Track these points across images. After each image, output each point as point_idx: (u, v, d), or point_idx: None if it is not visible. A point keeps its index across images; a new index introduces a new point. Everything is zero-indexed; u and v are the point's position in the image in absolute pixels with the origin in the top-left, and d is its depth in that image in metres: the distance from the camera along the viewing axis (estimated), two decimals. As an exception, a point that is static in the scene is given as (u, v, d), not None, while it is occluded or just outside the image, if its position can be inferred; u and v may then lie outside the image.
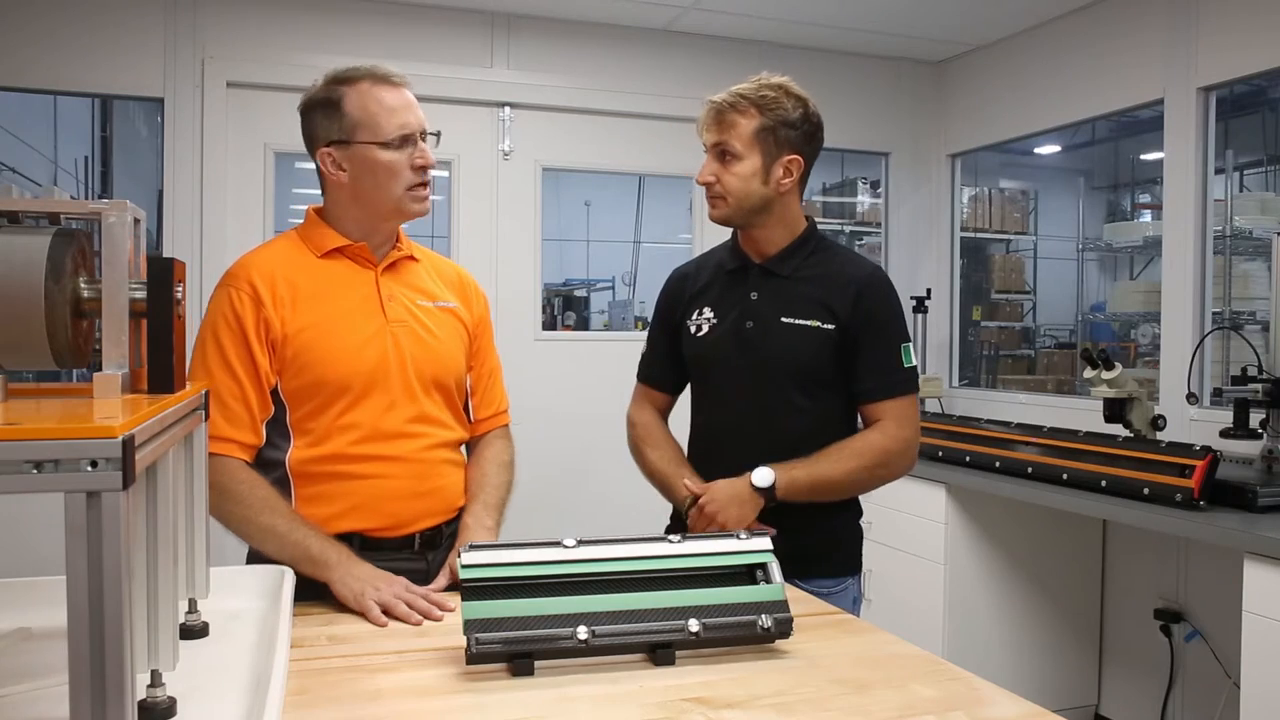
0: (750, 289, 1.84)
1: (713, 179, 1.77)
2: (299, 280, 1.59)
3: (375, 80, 1.58)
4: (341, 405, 1.56)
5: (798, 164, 1.79)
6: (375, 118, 1.56)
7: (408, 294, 1.67)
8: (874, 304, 1.79)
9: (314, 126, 1.61)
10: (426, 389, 1.64)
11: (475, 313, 1.78)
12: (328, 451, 1.56)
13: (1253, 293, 4.34)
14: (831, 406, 1.82)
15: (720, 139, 1.76)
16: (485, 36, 3.74)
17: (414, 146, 1.59)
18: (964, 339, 4.59)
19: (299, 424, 1.57)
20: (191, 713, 0.97)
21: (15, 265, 0.95)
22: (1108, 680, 3.43)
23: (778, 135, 1.76)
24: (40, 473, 0.72)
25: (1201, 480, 2.44)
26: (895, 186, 4.41)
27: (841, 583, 1.84)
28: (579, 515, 3.59)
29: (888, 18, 3.79)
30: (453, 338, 1.70)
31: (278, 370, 1.55)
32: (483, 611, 1.20)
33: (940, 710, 1.10)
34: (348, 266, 1.63)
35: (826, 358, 1.78)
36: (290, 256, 1.62)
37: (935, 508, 3.22)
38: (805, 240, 1.85)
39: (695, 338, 1.87)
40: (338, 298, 1.60)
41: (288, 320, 1.55)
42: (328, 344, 1.56)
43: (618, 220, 7.44)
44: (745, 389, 1.82)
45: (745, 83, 1.78)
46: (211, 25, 3.42)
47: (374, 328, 1.60)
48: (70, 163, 5.83)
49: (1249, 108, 5.73)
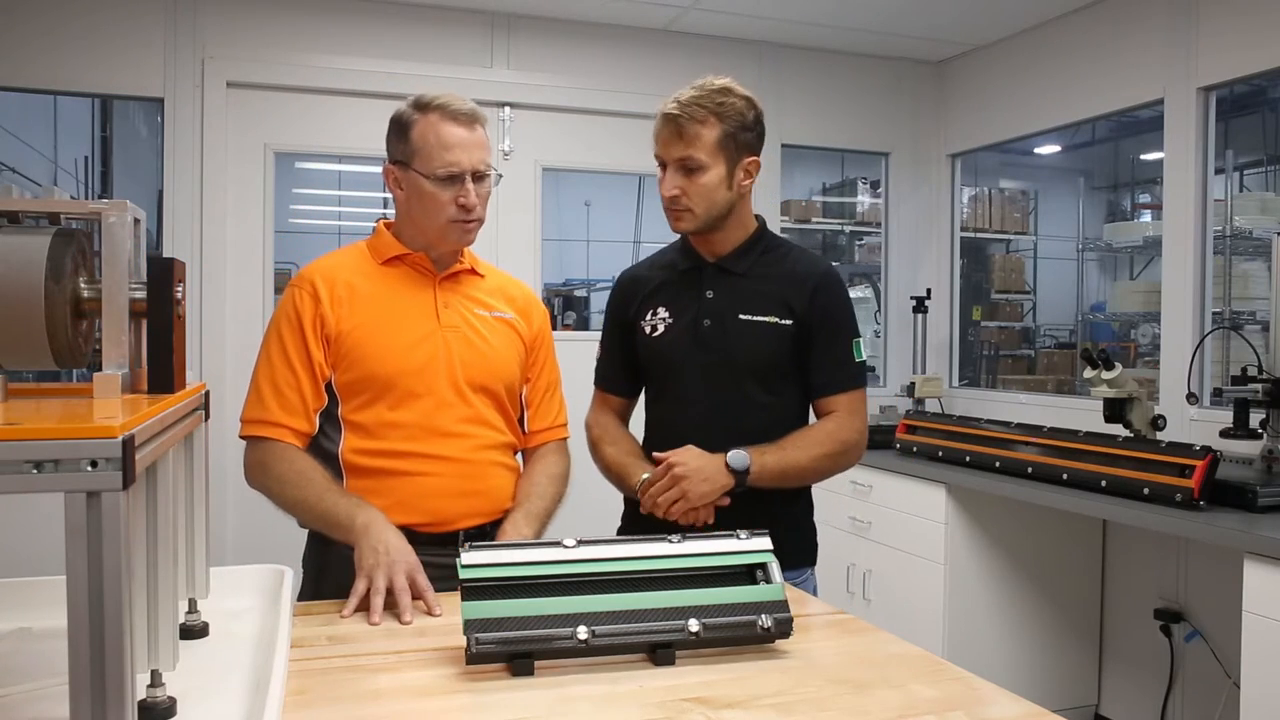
0: (705, 287, 1.84)
1: (679, 192, 1.76)
2: (358, 283, 1.68)
3: (445, 115, 1.64)
4: (390, 401, 1.63)
5: (756, 164, 1.81)
6: (430, 150, 1.63)
7: (465, 304, 1.74)
8: (829, 300, 1.83)
9: (389, 142, 1.70)
10: (476, 391, 1.69)
11: (535, 327, 1.82)
12: (377, 447, 1.63)
13: (1253, 293, 4.34)
14: (788, 400, 1.85)
15: (686, 153, 1.74)
16: (485, 36, 3.74)
17: (460, 185, 1.64)
18: (964, 339, 4.59)
19: (350, 417, 1.64)
20: (191, 713, 0.97)
21: (15, 265, 0.95)
22: (1108, 680, 3.43)
23: (737, 140, 1.76)
24: (40, 473, 0.72)
25: (1201, 480, 2.44)
26: (895, 186, 4.41)
27: (802, 573, 1.85)
28: (579, 515, 3.58)
29: (888, 18, 3.79)
30: (506, 346, 1.75)
31: (332, 364, 1.64)
32: (482, 611, 1.20)
33: (940, 710, 1.10)
34: (407, 274, 1.72)
35: (785, 353, 1.81)
36: (354, 262, 1.72)
37: (935, 508, 3.22)
38: (758, 239, 1.87)
39: (651, 338, 1.87)
40: (393, 300, 1.68)
41: (343, 317, 1.64)
42: (379, 341, 1.64)
43: (618, 220, 7.44)
44: (704, 386, 1.82)
45: (691, 89, 1.75)
46: (211, 25, 3.42)
47: (426, 330, 1.67)
48: (70, 163, 5.83)
49: (1249, 108, 5.73)
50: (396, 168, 1.69)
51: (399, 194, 1.70)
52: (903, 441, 3.54)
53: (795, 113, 4.14)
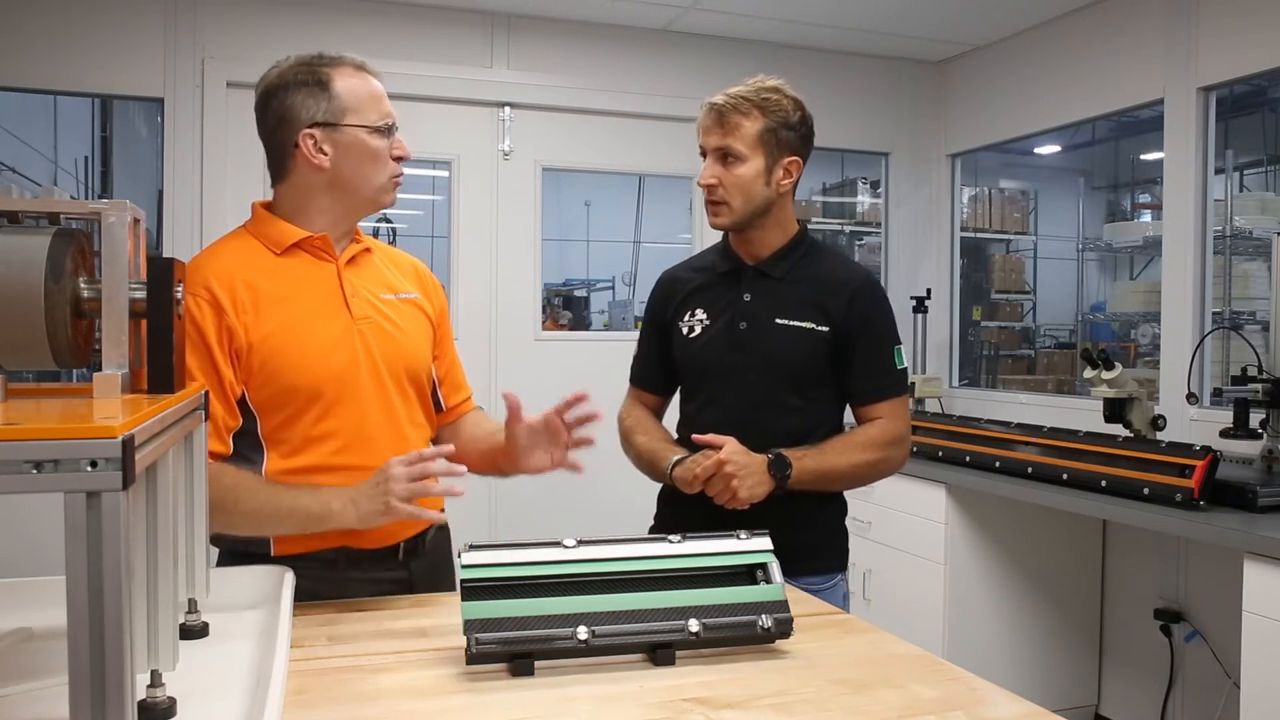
0: (743, 291, 1.84)
1: (715, 181, 1.77)
2: (259, 282, 1.51)
3: (359, 67, 1.55)
4: (315, 413, 1.51)
5: (797, 165, 1.81)
6: (363, 103, 1.52)
7: (370, 288, 1.61)
8: (868, 308, 1.82)
9: (293, 107, 1.51)
10: (399, 385, 1.60)
11: (436, 303, 1.74)
12: (305, 463, 1.51)
13: (1253, 293, 4.34)
14: (823, 406, 1.84)
15: (724, 142, 1.75)
16: (485, 36, 3.74)
17: (393, 137, 1.56)
18: (964, 339, 4.59)
19: (272, 435, 1.51)
20: (191, 713, 0.97)
21: (15, 265, 0.95)
22: (1108, 680, 3.43)
23: (779, 137, 1.77)
24: (40, 473, 0.72)
25: (1201, 480, 2.44)
26: (895, 186, 4.41)
27: (831, 579, 1.85)
28: (579, 515, 3.59)
29: (888, 18, 3.79)
30: (418, 330, 1.66)
31: (244, 380, 1.49)
32: (482, 612, 1.20)
33: (940, 710, 1.10)
34: (308, 262, 1.56)
35: (820, 358, 1.81)
36: (246, 257, 1.54)
37: (935, 508, 3.22)
38: (798, 243, 1.87)
39: (687, 339, 1.88)
40: (301, 298, 1.53)
41: (251, 327, 1.48)
42: (294, 349, 1.50)
43: (618, 220, 7.44)
44: (738, 389, 1.82)
45: (742, 85, 1.78)
46: (211, 25, 3.42)
47: (340, 327, 1.55)
48: (70, 163, 5.83)
49: (1249, 108, 5.73)
50: (319, 130, 1.51)
51: (319, 160, 1.51)
52: (903, 441, 3.53)
53: (795, 113, 4.13)
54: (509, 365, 3.74)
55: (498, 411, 1.70)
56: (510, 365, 3.74)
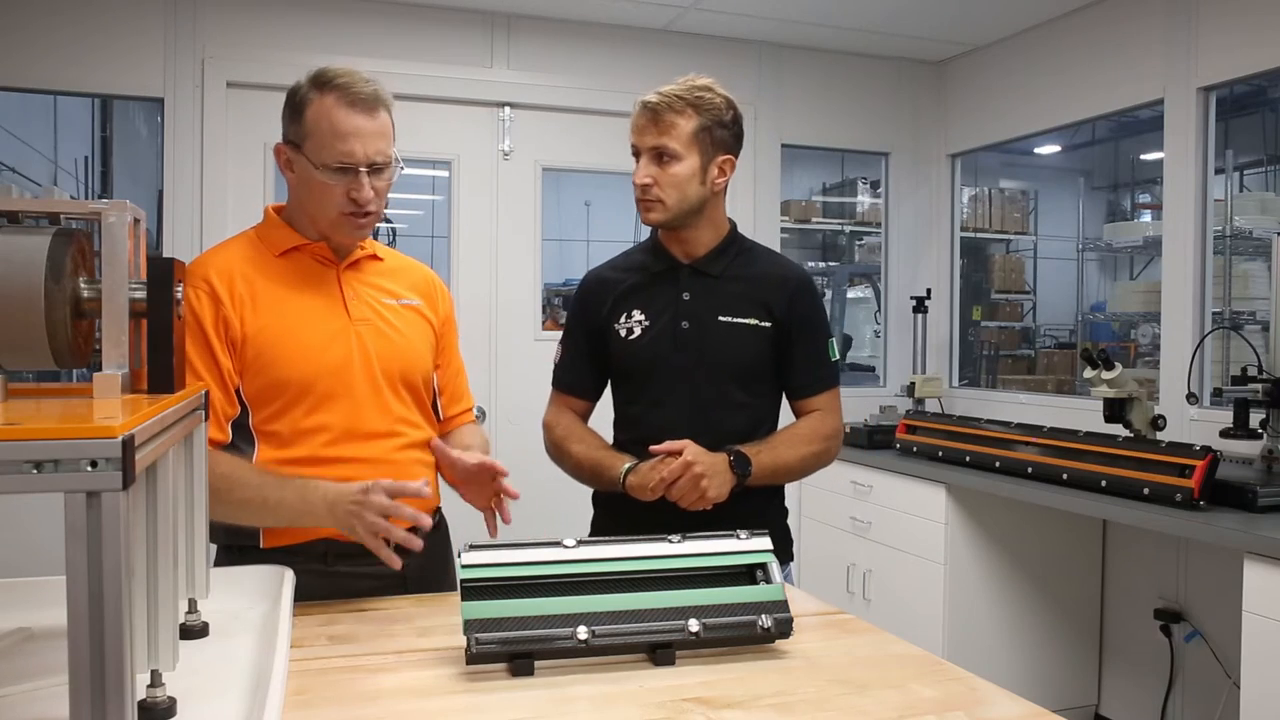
0: (682, 290, 1.85)
1: (650, 181, 1.77)
2: (258, 279, 1.54)
3: (344, 98, 1.49)
4: (306, 406, 1.52)
5: (730, 164, 1.82)
6: (323, 137, 1.49)
7: (371, 292, 1.63)
8: (807, 303, 1.87)
9: (282, 116, 1.56)
10: (394, 387, 1.60)
11: (441, 312, 1.75)
12: (294, 455, 1.52)
13: (1253, 293, 4.34)
14: (765, 401, 1.88)
15: (660, 141, 1.76)
16: (485, 36, 3.74)
17: (353, 177, 1.50)
18: (964, 339, 4.59)
19: (262, 427, 1.52)
20: (191, 713, 0.97)
21: (15, 265, 0.95)
22: (1108, 680, 3.43)
23: (713, 135, 1.78)
24: (40, 473, 0.72)
25: (1201, 480, 2.44)
26: (895, 186, 4.41)
27: (784, 570, 1.85)
28: (579, 515, 3.59)
29: (888, 18, 3.79)
30: (418, 335, 1.67)
31: (239, 371, 1.51)
32: (482, 611, 1.20)
33: (940, 710, 1.10)
34: (308, 265, 1.59)
35: (764, 355, 1.84)
36: (248, 255, 1.58)
37: (935, 508, 3.22)
38: (732, 241, 1.89)
39: (627, 340, 1.86)
40: (298, 297, 1.56)
41: (247, 320, 1.51)
42: (288, 343, 1.52)
43: (618, 220, 7.43)
44: (684, 388, 1.82)
45: (674, 84, 1.79)
46: (211, 25, 3.42)
47: (337, 326, 1.57)
48: (70, 163, 5.83)
49: (1249, 108, 5.73)
50: (288, 148, 1.54)
51: (290, 176, 1.56)
52: (903, 441, 3.53)
53: (795, 113, 4.14)
54: (509, 365, 3.74)
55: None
56: (510, 365, 3.74)
